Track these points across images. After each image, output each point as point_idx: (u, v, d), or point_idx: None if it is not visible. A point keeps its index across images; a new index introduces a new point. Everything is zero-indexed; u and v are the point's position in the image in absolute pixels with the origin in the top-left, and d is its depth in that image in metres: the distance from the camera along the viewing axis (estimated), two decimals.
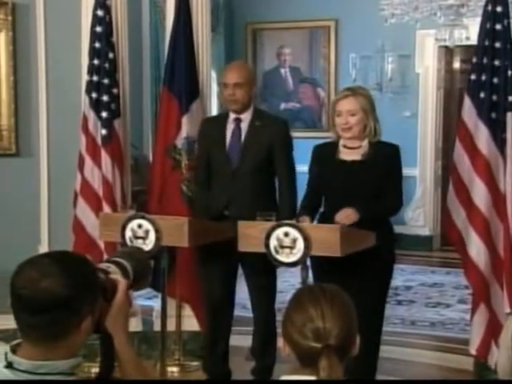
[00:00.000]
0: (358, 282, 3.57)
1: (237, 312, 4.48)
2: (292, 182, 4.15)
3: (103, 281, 1.86)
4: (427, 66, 8.69)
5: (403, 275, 7.48)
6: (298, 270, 3.75)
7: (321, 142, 4.05)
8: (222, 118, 4.26)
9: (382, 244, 3.69)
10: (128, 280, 1.94)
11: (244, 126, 4.17)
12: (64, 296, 1.70)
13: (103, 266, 1.93)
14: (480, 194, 4.20)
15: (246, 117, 4.17)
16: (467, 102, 4.29)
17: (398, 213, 3.90)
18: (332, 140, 3.92)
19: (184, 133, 4.77)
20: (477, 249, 4.22)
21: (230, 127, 4.18)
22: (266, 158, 4.11)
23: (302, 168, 4.12)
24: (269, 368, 4.20)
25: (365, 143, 3.83)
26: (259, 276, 4.15)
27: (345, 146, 3.86)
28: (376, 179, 3.76)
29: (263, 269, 4.08)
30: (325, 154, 3.90)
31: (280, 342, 1.92)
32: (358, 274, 3.65)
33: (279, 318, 5.42)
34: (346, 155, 3.84)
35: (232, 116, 4.18)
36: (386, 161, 3.79)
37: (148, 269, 2.07)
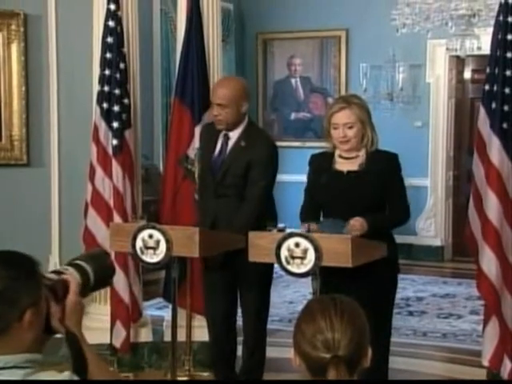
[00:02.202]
0: (362, 293, 3.56)
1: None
2: (256, 201, 4.06)
3: (53, 281, 1.88)
4: (438, 75, 8.69)
5: (414, 286, 7.46)
6: (309, 280, 3.75)
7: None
8: (218, 131, 4.23)
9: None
10: (88, 282, 1.95)
11: (230, 143, 4.16)
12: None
13: (61, 268, 1.95)
14: (491, 205, 4.19)
15: (234, 135, 4.15)
16: (482, 112, 4.29)
17: (405, 224, 3.88)
18: (328, 150, 3.92)
19: (196, 143, 4.79)
20: (488, 260, 4.20)
21: (220, 141, 4.20)
22: (243, 178, 4.08)
23: None
24: (255, 368, 4.22)
25: (362, 153, 3.80)
26: (252, 288, 4.17)
27: (341, 157, 3.84)
28: (374, 190, 3.74)
29: (257, 281, 4.11)
30: (321, 164, 3.88)
31: (291, 352, 1.92)
32: (362, 285, 3.64)
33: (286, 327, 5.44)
34: (342, 166, 3.82)
35: (223, 132, 4.19)
36: (384, 170, 3.76)
37: (110, 271, 2.08)
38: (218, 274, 4.20)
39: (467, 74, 8.88)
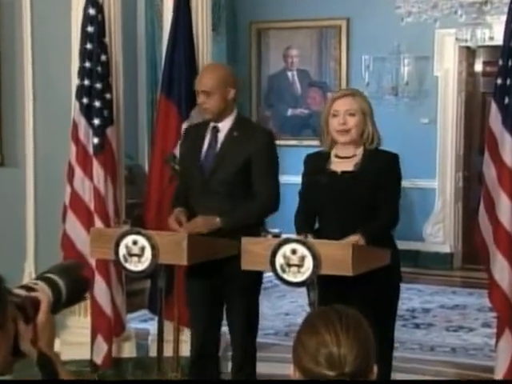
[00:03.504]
0: (361, 303, 3.56)
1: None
2: (267, 200, 4.11)
3: (22, 298, 1.83)
4: (447, 68, 8.70)
5: (421, 296, 7.47)
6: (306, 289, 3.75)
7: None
8: (204, 125, 4.25)
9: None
10: (60, 298, 1.93)
11: (221, 135, 4.17)
12: None
13: (30, 283, 1.92)
14: (504, 209, 4.19)
15: (224, 126, 4.16)
16: (493, 108, 4.29)
17: (393, 229, 3.87)
18: (324, 150, 3.92)
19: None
20: (500, 269, 4.20)
21: (208, 137, 4.20)
22: (241, 172, 4.08)
23: None
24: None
25: (359, 151, 3.82)
26: (238, 297, 4.17)
27: (337, 156, 3.85)
28: (369, 192, 3.74)
29: (244, 291, 4.12)
30: (316, 165, 3.89)
31: (290, 368, 1.92)
32: (361, 294, 3.64)
33: (280, 341, 5.43)
34: (337, 166, 3.83)
35: (211, 124, 4.20)
36: (381, 171, 3.76)
37: (85, 286, 2.06)
38: (201, 284, 4.21)
39: (478, 67, 8.90)
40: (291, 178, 7.61)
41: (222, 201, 4.09)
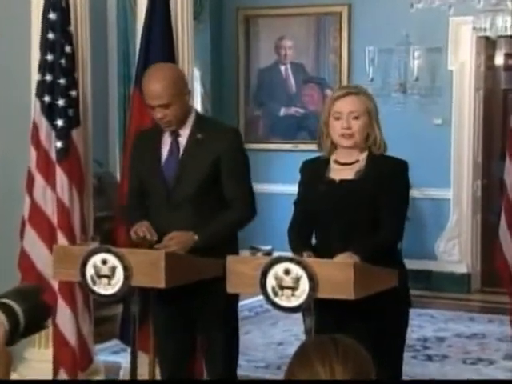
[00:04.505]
0: (364, 331, 3.56)
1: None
2: (244, 208, 4.16)
3: None
4: (463, 61, 8.73)
5: (434, 323, 7.48)
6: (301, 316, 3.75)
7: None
8: (158, 131, 4.24)
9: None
10: (18, 327, 1.93)
11: (182, 140, 4.18)
12: None
13: None
14: None
15: (185, 129, 4.18)
16: None
17: (392, 247, 3.88)
18: (323, 156, 3.93)
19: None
20: None
21: (167, 142, 4.20)
22: (209, 178, 4.11)
23: None
24: None
25: (363, 157, 3.82)
26: (217, 323, 4.18)
27: (337, 162, 3.86)
28: (371, 203, 3.75)
29: (222, 317, 4.14)
30: (313, 172, 3.90)
31: None
32: (364, 321, 3.64)
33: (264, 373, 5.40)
34: (336, 173, 3.84)
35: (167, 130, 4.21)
36: (386, 180, 3.76)
37: (45, 311, 2.06)
38: (171, 309, 4.21)
39: (499, 60, 8.93)
40: (285, 188, 7.67)
41: (189, 214, 4.11)
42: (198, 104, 7.80)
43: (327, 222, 3.82)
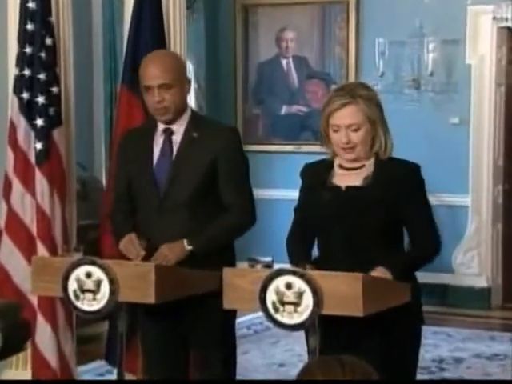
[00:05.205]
0: (372, 351, 3.57)
1: None
2: (243, 213, 4.19)
3: None
4: (482, 54, 8.75)
5: (451, 343, 7.48)
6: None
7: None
8: (149, 129, 4.26)
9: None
10: None
11: (176, 138, 4.19)
12: None
13: None
14: None
15: (180, 127, 4.19)
16: None
17: (433, 260, 3.88)
18: (328, 157, 3.93)
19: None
20: None
21: (159, 141, 4.21)
22: (205, 181, 4.13)
23: None
24: None
25: (370, 162, 3.81)
26: (211, 345, 4.19)
27: (342, 167, 3.86)
28: (381, 213, 3.73)
29: (218, 336, 4.14)
30: (316, 177, 3.88)
31: None
32: (373, 340, 3.65)
33: None
34: (341, 179, 3.82)
35: (161, 126, 4.21)
36: (397, 187, 3.75)
37: (23, 330, 2.07)
38: (161, 326, 4.21)
39: None
40: (287, 193, 7.67)
41: (183, 220, 4.12)
42: (191, 101, 7.79)
43: (331, 233, 3.81)
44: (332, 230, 3.80)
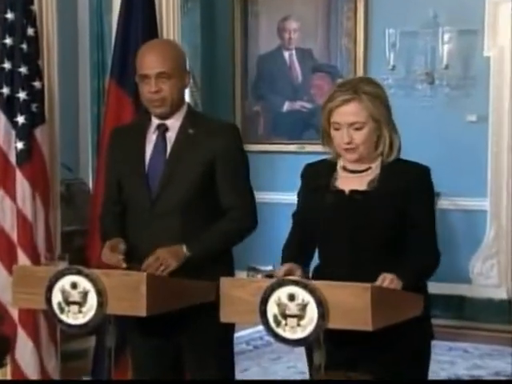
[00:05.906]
0: (378, 367, 3.57)
1: None
2: (244, 217, 4.20)
3: None
4: (502, 46, 8.75)
5: (468, 360, 7.47)
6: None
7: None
8: (141, 125, 4.27)
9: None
10: None
11: (171, 135, 4.20)
12: None
13: None
14: None
15: (175, 122, 4.20)
16: None
17: (433, 273, 3.88)
18: (329, 158, 3.94)
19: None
20: None
21: (152, 139, 4.22)
22: (202, 181, 4.13)
23: None
24: None
25: (376, 164, 3.81)
26: (207, 362, 4.20)
27: (345, 169, 3.86)
28: (388, 219, 3.73)
29: (214, 351, 4.16)
30: (317, 179, 3.88)
31: None
32: (379, 355, 3.66)
33: None
34: (345, 182, 3.82)
35: (155, 122, 4.22)
36: (405, 191, 3.76)
37: (5, 346, 2.08)
38: (153, 341, 4.22)
39: None
40: (289, 197, 7.61)
41: (177, 224, 4.12)
42: (186, 96, 7.79)
43: (332, 239, 3.81)
44: (334, 236, 3.80)
